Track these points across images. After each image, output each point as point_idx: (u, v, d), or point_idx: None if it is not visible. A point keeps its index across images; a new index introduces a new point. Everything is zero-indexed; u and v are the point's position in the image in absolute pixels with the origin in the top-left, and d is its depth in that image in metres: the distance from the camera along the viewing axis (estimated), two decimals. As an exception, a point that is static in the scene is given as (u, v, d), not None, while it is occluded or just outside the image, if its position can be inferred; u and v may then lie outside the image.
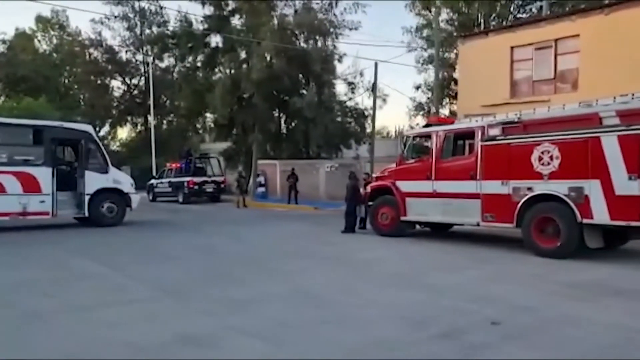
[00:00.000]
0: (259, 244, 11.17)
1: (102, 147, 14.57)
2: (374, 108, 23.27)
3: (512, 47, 16.07)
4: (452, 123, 11.48)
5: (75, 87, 45.65)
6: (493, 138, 9.87)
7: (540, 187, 9.06)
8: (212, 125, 31.39)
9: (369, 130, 26.50)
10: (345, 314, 5.47)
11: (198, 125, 34.75)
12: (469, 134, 10.74)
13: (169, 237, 12.11)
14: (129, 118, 45.46)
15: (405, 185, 11.67)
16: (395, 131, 47.04)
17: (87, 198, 13.72)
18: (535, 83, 15.87)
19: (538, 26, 15.65)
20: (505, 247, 10.20)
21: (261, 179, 25.51)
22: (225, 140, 30.45)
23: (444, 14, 31.63)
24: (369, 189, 12.85)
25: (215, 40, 28.80)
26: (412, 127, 36.64)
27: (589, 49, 14.22)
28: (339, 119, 25.50)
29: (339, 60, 25.94)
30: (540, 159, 9.05)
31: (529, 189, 9.22)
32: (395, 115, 69.39)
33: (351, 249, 10.26)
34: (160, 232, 13.35)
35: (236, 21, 27.75)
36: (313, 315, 5.40)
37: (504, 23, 27.47)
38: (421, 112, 33.61)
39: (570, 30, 14.76)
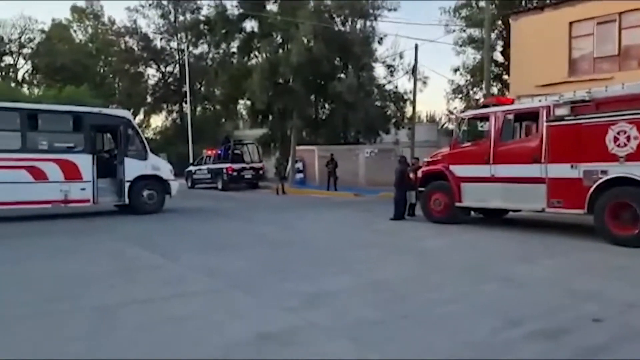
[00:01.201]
0: (311, 232, 10.86)
1: (141, 134, 14.39)
2: (414, 91, 22.64)
3: (570, 23, 15.11)
4: (511, 103, 10.85)
5: (110, 75, 46.14)
6: (561, 118, 9.25)
7: (616, 170, 8.45)
8: (248, 111, 31.14)
9: (407, 114, 25.88)
10: (427, 310, 5.08)
11: (235, 112, 34.53)
12: (532, 115, 10.12)
13: (217, 225, 11.91)
14: (164, 106, 45.76)
15: (460, 170, 11.15)
16: (427, 116, 46.14)
17: (127, 185, 13.56)
18: (597, 60, 14.93)
19: (600, -1, 14.69)
20: (572, 234, 9.64)
21: (299, 165, 25.22)
22: (261, 126, 30.23)
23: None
24: (419, 174, 12.36)
25: (251, 25, 28.51)
26: (450, 112, 35.80)
27: (658, 22, 13.28)
28: (378, 103, 24.88)
29: (379, 42, 25.23)
30: (616, 139, 8.43)
31: (603, 172, 8.61)
32: (428, 99, 67.26)
33: (410, 237, 9.85)
34: (207, 219, 13.18)
35: (272, 5, 27.33)
36: (394, 311, 5.03)
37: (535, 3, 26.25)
38: (459, 96, 32.63)
39: (637, 2, 13.73)
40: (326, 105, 25.87)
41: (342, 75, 24.12)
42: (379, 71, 43.66)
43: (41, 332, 4.52)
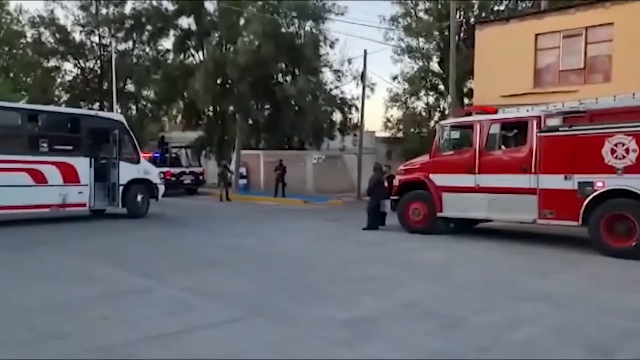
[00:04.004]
0: (290, 244, 10.01)
1: (134, 138, 14.18)
2: (362, 98, 22.30)
3: (536, 35, 15.36)
4: (495, 112, 10.67)
5: (15, 69, 41.93)
6: (555, 129, 9.13)
7: (613, 182, 8.41)
8: (184, 113, 29.47)
9: (353, 120, 25.59)
10: (497, 339, 4.48)
11: (169, 113, 32.53)
12: (520, 124, 9.96)
13: (183, 237, 10.74)
14: (82, 104, 42.34)
15: (441, 179, 10.80)
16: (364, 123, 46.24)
17: (120, 189, 13.43)
18: (562, 73, 15.23)
19: (567, 13, 14.85)
20: (563, 245, 9.55)
21: (242, 171, 24.05)
22: (195, 129, 28.72)
23: (422, 4, 31.10)
24: (396, 182, 11.89)
25: (188, 22, 27.08)
26: (388, 120, 36.10)
27: (624, 38, 13.60)
28: (327, 108, 24.33)
29: (331, 46, 24.76)
30: (613, 151, 8.40)
31: (599, 184, 8.55)
32: (366, 107, 66.44)
33: (400, 250, 9.31)
34: (171, 229, 12.02)
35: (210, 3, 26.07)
36: (462, 341, 4.39)
37: (483, 14, 27.20)
38: (397, 104, 32.94)
39: (604, 17, 14.11)
40: (273, 109, 24.91)
41: (289, 79, 23.34)
42: (327, 76, 43.45)
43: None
